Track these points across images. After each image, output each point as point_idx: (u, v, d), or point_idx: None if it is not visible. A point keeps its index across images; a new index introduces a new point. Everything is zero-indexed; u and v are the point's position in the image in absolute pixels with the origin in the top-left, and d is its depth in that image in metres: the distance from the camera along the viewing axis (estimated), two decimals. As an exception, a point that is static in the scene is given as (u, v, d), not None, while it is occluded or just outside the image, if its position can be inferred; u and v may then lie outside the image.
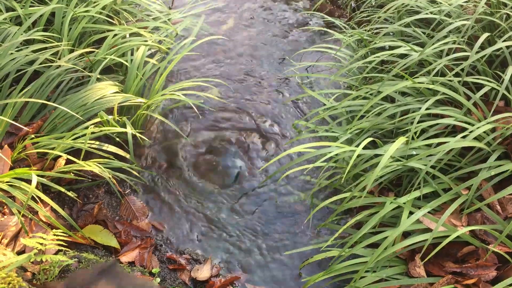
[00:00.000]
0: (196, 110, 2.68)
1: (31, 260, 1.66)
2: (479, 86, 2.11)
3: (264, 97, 2.86)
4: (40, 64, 2.38)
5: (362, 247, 1.83)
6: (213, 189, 2.36)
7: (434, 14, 2.48)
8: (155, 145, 2.55)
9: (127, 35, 2.81)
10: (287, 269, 2.06)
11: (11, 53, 2.35)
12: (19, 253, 1.84)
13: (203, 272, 2.00)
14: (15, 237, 1.89)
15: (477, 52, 2.08)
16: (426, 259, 1.75)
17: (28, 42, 2.57)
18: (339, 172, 2.22)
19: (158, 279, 1.91)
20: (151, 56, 2.89)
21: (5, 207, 1.96)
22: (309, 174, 2.42)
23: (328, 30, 3.08)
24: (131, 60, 2.63)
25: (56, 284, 1.72)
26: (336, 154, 2.06)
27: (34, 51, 2.43)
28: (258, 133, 2.64)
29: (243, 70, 3.06)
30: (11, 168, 2.06)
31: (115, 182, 2.16)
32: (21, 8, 2.65)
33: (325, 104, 2.50)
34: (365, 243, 1.80)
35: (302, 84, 2.96)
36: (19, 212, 1.84)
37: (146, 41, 2.78)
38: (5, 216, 1.93)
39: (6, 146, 2.12)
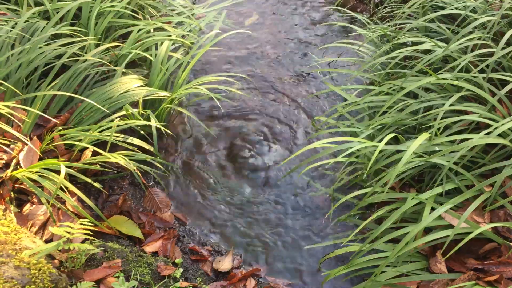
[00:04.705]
0: (219, 104, 2.71)
1: (59, 248, 1.71)
2: (504, 83, 2.09)
3: (286, 92, 2.87)
4: (68, 58, 2.44)
5: (383, 242, 1.83)
6: (236, 181, 2.39)
7: (459, 9, 2.45)
8: (178, 138, 2.59)
9: (152, 30, 2.86)
10: (307, 262, 2.08)
11: (40, 47, 2.41)
12: (47, 241, 1.90)
13: (224, 264, 2.04)
14: (44, 225, 1.96)
15: (502, 48, 2.06)
16: (447, 255, 1.75)
17: (56, 37, 2.63)
18: (361, 167, 2.23)
19: (181, 269, 1.95)
20: (175, 50, 2.93)
21: (34, 196, 2.02)
22: (331, 169, 2.43)
23: (351, 26, 3.08)
24: (155, 54, 2.67)
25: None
26: (358, 150, 2.06)
27: (62, 45, 2.48)
28: (281, 126, 2.66)
29: (265, 65, 3.07)
30: (40, 159, 2.12)
31: (139, 174, 2.20)
32: (49, 3, 2.71)
33: (346, 99, 2.50)
34: (386, 238, 1.81)
35: (324, 79, 2.96)
36: (48, 202, 1.90)
37: (170, 35, 2.81)
38: (34, 206, 1.99)
39: (35, 137, 2.18)
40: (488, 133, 1.84)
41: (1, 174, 1.99)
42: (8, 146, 2.10)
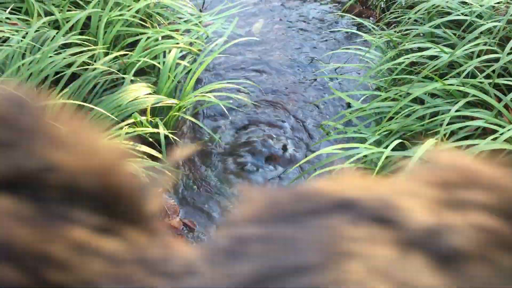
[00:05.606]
0: (226, 111, 2.73)
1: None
2: (510, 88, 2.09)
3: (293, 98, 2.90)
4: (78, 67, 2.47)
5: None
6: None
7: (465, 15, 2.46)
8: (186, 145, 2.61)
9: (160, 38, 2.89)
10: None
11: (50, 56, 2.45)
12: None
13: (232, 270, 2.05)
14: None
15: (508, 54, 2.06)
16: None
17: (65, 46, 2.67)
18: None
19: (190, 276, 1.97)
20: (183, 58, 2.96)
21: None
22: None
23: (357, 32, 3.09)
24: (163, 62, 2.70)
25: None
26: (365, 156, 2.08)
27: (72, 54, 2.52)
28: (287, 133, 2.67)
29: (272, 72, 3.10)
30: (51, 167, 2.15)
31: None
32: (59, 13, 2.76)
33: (351, 106, 2.52)
34: (393, 244, 1.81)
35: (331, 85, 2.97)
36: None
37: (177, 43, 2.85)
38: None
39: (45, 145, 2.21)
40: (494, 139, 1.84)
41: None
42: (19, 154, 2.14)
